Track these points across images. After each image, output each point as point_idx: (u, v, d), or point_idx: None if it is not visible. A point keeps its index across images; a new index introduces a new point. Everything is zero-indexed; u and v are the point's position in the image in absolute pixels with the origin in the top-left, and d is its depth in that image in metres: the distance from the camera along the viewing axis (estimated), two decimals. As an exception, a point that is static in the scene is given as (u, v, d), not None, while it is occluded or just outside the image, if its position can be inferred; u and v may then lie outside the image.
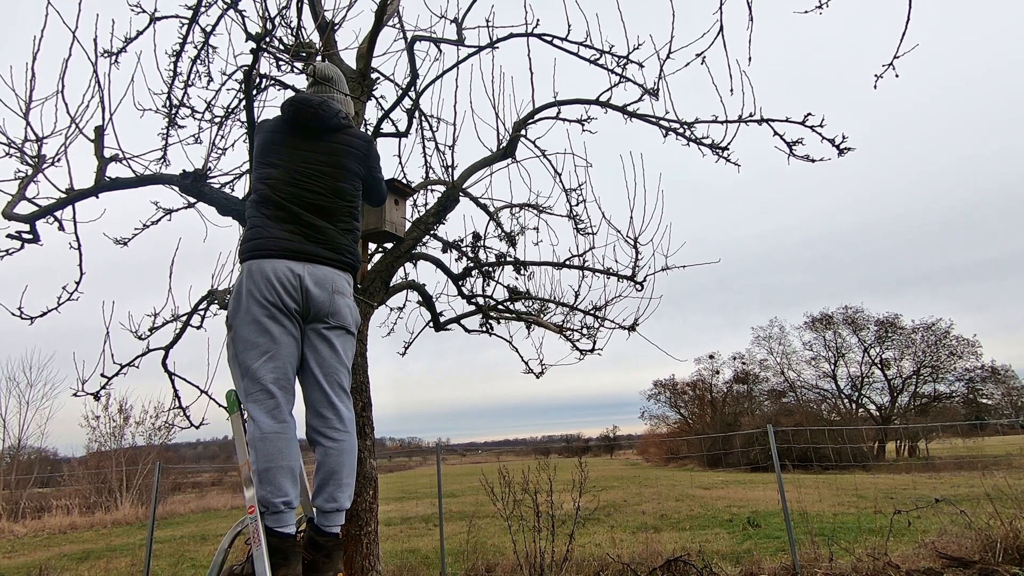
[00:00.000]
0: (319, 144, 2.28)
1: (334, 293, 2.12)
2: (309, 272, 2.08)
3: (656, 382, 35.93)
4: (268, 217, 2.14)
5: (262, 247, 2.08)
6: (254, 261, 2.07)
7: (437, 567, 6.00)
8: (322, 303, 2.09)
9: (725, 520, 8.49)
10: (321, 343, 2.12)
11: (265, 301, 2.01)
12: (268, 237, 2.09)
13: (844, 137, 3.02)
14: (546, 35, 3.50)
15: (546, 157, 4.02)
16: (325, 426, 2.09)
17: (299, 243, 2.11)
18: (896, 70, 2.48)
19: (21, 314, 2.97)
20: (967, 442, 21.96)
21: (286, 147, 2.24)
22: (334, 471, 2.05)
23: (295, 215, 2.14)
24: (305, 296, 2.06)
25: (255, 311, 2.01)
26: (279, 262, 2.05)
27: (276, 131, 2.29)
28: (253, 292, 2.02)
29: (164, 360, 3.71)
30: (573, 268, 4.09)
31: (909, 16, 2.32)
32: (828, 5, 2.66)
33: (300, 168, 2.21)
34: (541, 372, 4.47)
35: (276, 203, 2.14)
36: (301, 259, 2.09)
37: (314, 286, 2.07)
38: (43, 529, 13.08)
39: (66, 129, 2.73)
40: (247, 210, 2.23)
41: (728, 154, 3.40)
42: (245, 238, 2.16)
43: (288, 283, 2.03)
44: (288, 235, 2.10)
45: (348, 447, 2.11)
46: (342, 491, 2.07)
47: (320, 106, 2.29)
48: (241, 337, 2.03)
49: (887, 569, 4.47)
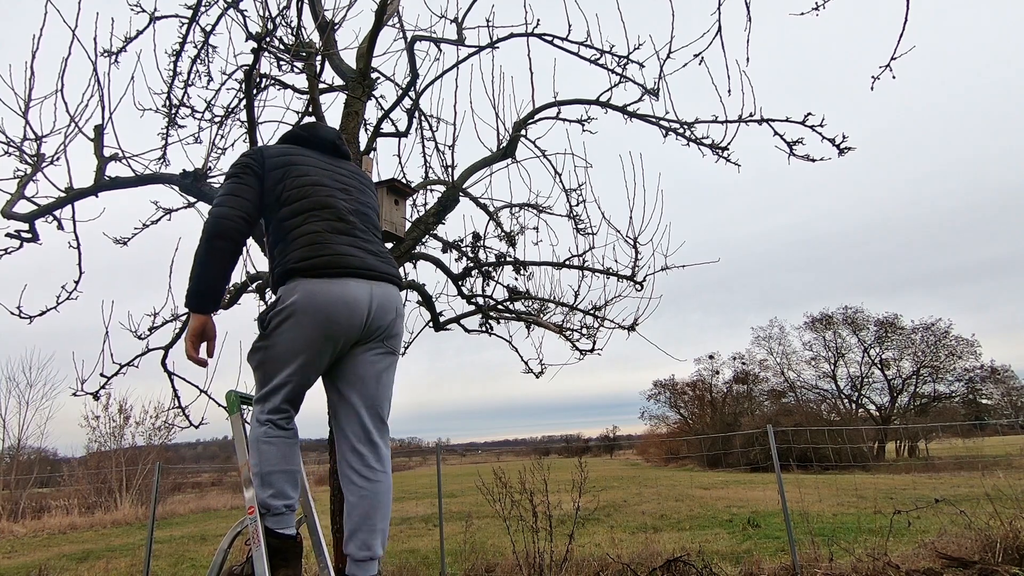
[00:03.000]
0: (347, 166, 2.20)
1: (397, 316, 1.97)
2: (379, 292, 1.90)
3: (656, 382, 35.92)
4: (323, 227, 1.90)
5: (328, 264, 1.84)
6: (320, 280, 1.82)
7: (437, 567, 6.00)
8: (383, 327, 1.92)
9: (725, 520, 8.49)
10: (369, 370, 1.93)
11: (330, 332, 1.82)
12: (333, 253, 1.86)
13: (844, 137, 3.03)
14: (546, 35, 3.50)
15: (546, 157, 4.02)
16: (362, 464, 1.87)
17: (367, 259, 1.92)
18: (893, 71, 2.49)
19: (20, 313, 2.98)
20: (967, 442, 21.96)
21: (318, 161, 2.09)
22: (369, 515, 1.83)
23: (353, 226, 1.95)
24: (372, 320, 1.89)
25: (309, 337, 1.82)
26: (349, 285, 1.84)
27: (299, 152, 2.09)
28: (317, 321, 1.80)
29: (164, 360, 3.72)
30: (573, 268, 4.09)
31: (907, 18, 2.32)
32: (825, 6, 2.67)
33: (342, 180, 2.07)
34: (541, 372, 4.47)
35: (334, 212, 1.94)
36: (371, 277, 1.90)
37: (380, 309, 1.90)
38: (43, 529, 13.07)
39: (65, 128, 2.74)
40: (284, 219, 1.94)
41: (728, 154, 3.40)
42: (296, 246, 1.88)
43: (362, 310, 1.85)
44: (355, 250, 1.91)
45: (385, 487, 1.89)
46: (376, 537, 1.83)
47: (339, 133, 2.27)
48: (276, 353, 1.86)
49: (887, 569, 4.47)
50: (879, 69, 2.50)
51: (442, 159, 4.23)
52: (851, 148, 3.04)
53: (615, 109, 3.58)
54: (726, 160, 3.43)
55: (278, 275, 1.93)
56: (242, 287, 3.62)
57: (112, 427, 17.28)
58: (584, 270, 4.06)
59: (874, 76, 2.53)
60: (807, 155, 3.19)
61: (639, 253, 3.92)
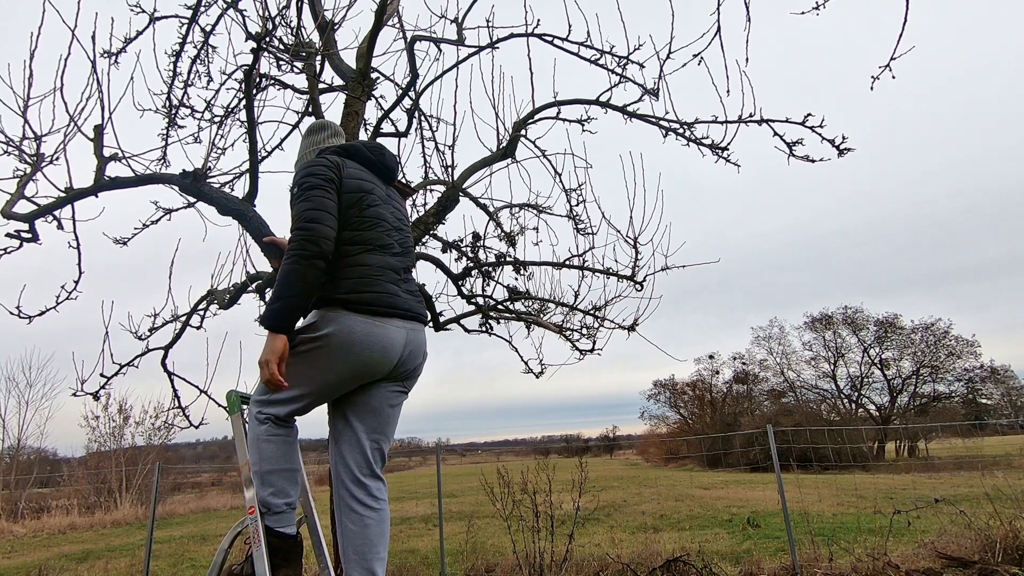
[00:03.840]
0: (396, 193, 2.20)
1: (423, 360, 2.00)
2: (412, 338, 1.94)
3: (656, 382, 35.94)
4: (376, 263, 1.92)
5: (374, 301, 1.86)
6: (363, 318, 1.84)
7: (437, 567, 6.00)
8: (408, 369, 1.96)
9: (725, 520, 8.49)
10: (382, 405, 1.96)
11: (360, 370, 1.85)
12: (381, 292, 1.89)
13: (844, 137, 3.03)
14: (546, 35, 3.50)
15: (546, 157, 4.02)
16: (366, 494, 1.90)
17: (405, 299, 1.96)
18: (893, 71, 2.49)
19: (20, 313, 2.97)
20: (967, 442, 21.94)
21: (379, 188, 2.09)
22: (373, 544, 1.85)
23: (396, 265, 1.99)
24: (401, 363, 1.92)
25: (340, 370, 1.84)
26: (390, 327, 1.87)
27: (370, 179, 2.08)
28: (347, 357, 1.82)
29: (164, 360, 3.72)
30: (573, 268, 4.09)
31: (907, 17, 2.32)
32: (825, 6, 2.67)
33: (396, 215, 2.09)
34: (541, 372, 4.47)
35: (381, 247, 1.96)
36: (408, 319, 1.94)
37: (411, 354, 1.94)
38: (42, 529, 13.06)
39: (65, 127, 2.73)
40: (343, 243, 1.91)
41: (728, 154, 3.40)
42: (347, 278, 1.87)
43: (395, 353, 1.88)
44: (395, 287, 1.94)
45: (385, 516, 1.93)
46: (379, 565, 1.86)
47: (395, 157, 2.24)
48: (296, 372, 1.85)
49: (887, 569, 4.47)
50: (879, 69, 2.50)
51: (442, 159, 4.23)
52: (851, 149, 3.05)
53: (615, 109, 3.58)
54: (726, 160, 3.43)
55: (320, 299, 1.89)
56: (242, 287, 3.61)
57: (112, 427, 17.29)
58: (584, 270, 4.06)
59: (874, 76, 2.53)
60: (807, 155, 3.19)
61: (639, 253, 3.92)
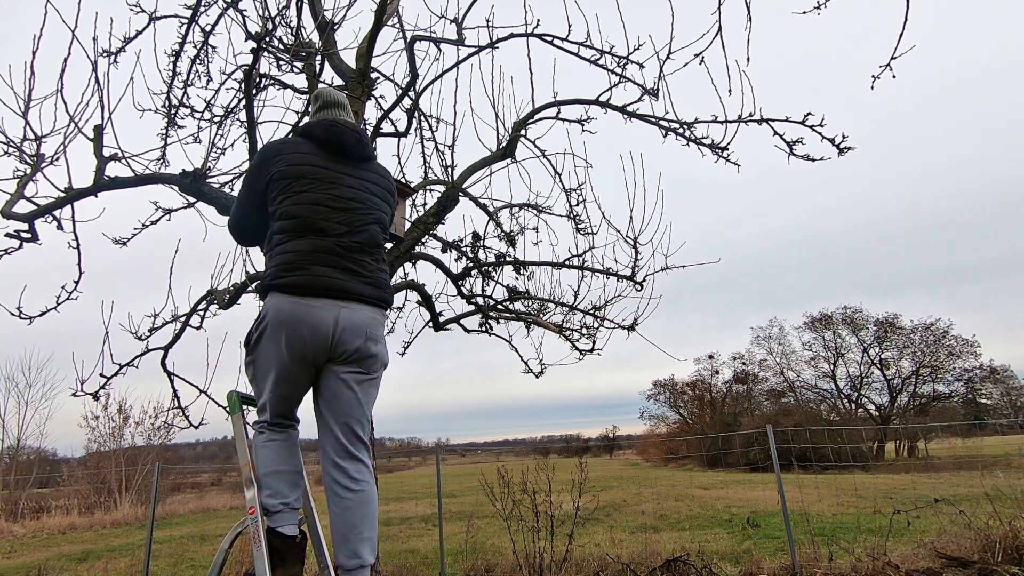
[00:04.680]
0: (362, 172, 2.13)
1: (367, 340, 1.97)
2: (346, 316, 1.92)
3: (656, 382, 35.93)
4: (305, 247, 1.93)
5: (300, 284, 1.89)
6: (290, 298, 1.88)
7: (436, 567, 6.00)
8: (354, 350, 1.95)
9: (724, 520, 8.49)
10: (342, 389, 1.96)
11: (294, 350, 1.89)
12: (306, 271, 1.90)
13: (844, 136, 3.03)
14: (546, 35, 3.50)
15: (546, 157, 4.02)
16: (344, 476, 1.94)
17: (340, 280, 1.94)
18: (893, 71, 2.49)
19: (20, 314, 2.97)
20: (966, 442, 21.96)
21: (323, 171, 2.05)
22: (355, 525, 1.89)
23: (338, 245, 1.97)
24: (338, 343, 1.92)
25: (277, 353, 1.90)
26: (318, 305, 1.88)
27: (310, 153, 2.08)
28: (283, 337, 1.88)
29: (163, 360, 3.72)
30: (573, 268, 4.09)
31: (907, 17, 2.33)
32: (826, 5, 2.67)
33: (341, 195, 2.04)
34: (541, 372, 4.47)
35: (316, 230, 1.95)
36: (341, 298, 1.93)
37: (350, 333, 1.93)
38: (42, 529, 13.05)
39: (65, 128, 2.73)
40: (274, 234, 1.99)
41: (728, 154, 3.41)
42: (277, 264, 1.94)
43: (325, 331, 1.89)
44: (329, 270, 1.93)
45: (368, 496, 1.95)
46: (363, 545, 1.89)
47: (363, 133, 2.18)
48: (260, 365, 1.96)
49: (886, 569, 4.47)
50: (879, 68, 2.51)
51: (442, 159, 4.23)
52: (850, 148, 3.05)
53: (615, 109, 3.59)
54: (726, 160, 3.43)
55: (260, 289, 2.01)
56: (241, 287, 3.62)
57: (112, 427, 17.29)
58: (584, 270, 4.06)
59: (874, 75, 2.53)
60: (807, 155, 3.19)
61: (639, 253, 3.92)
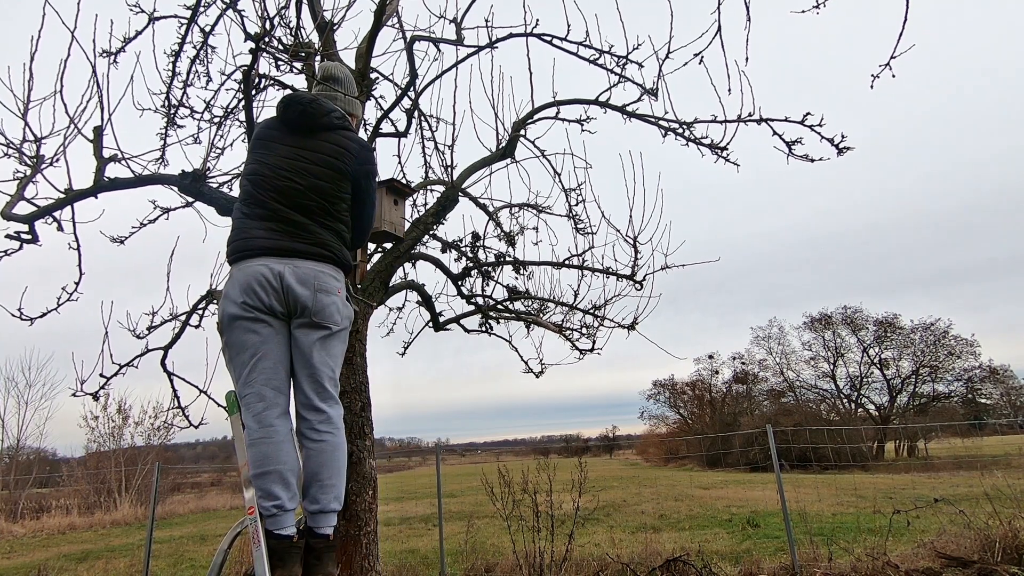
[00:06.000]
0: (308, 142, 2.22)
1: (317, 291, 2.07)
2: (291, 270, 2.03)
3: (655, 382, 35.95)
4: (249, 216, 2.11)
5: (241, 248, 2.06)
6: (235, 265, 2.06)
7: (436, 567, 6.00)
8: (305, 301, 2.05)
9: (724, 520, 8.49)
10: (304, 342, 2.07)
11: (247, 306, 1.99)
12: (247, 237, 2.07)
13: (843, 136, 3.03)
14: (546, 35, 3.50)
15: (545, 157, 4.02)
16: (307, 427, 2.06)
17: (278, 240, 2.06)
18: (893, 70, 2.49)
19: (21, 315, 2.97)
20: (966, 442, 21.95)
21: (274, 143, 2.21)
22: (316, 472, 2.02)
23: (275, 212, 2.10)
24: (288, 294, 2.02)
25: (240, 315, 2.00)
26: (257, 263, 2.02)
27: (269, 128, 2.26)
28: (235, 297, 2.00)
29: (163, 360, 3.71)
30: (572, 268, 4.09)
31: (907, 16, 2.33)
32: (825, 5, 2.67)
33: (284, 164, 2.16)
34: (541, 372, 4.47)
35: (257, 200, 2.11)
36: (282, 255, 2.05)
37: (296, 284, 2.03)
38: (42, 530, 13.06)
39: (65, 129, 2.73)
40: (233, 211, 2.19)
41: (727, 154, 3.40)
42: (228, 239, 2.13)
43: (268, 284, 2.00)
44: (268, 233, 2.07)
45: (329, 447, 2.06)
46: (325, 492, 2.02)
47: (309, 104, 2.24)
48: (230, 342, 2.03)
49: (886, 569, 4.47)
50: (879, 68, 2.50)
51: (441, 159, 4.23)
52: (850, 148, 3.05)
53: (614, 109, 3.58)
54: (725, 160, 3.43)
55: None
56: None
57: (111, 427, 17.28)
58: (584, 270, 4.06)
59: (874, 75, 2.53)
60: (806, 155, 3.19)
61: (639, 253, 3.92)
